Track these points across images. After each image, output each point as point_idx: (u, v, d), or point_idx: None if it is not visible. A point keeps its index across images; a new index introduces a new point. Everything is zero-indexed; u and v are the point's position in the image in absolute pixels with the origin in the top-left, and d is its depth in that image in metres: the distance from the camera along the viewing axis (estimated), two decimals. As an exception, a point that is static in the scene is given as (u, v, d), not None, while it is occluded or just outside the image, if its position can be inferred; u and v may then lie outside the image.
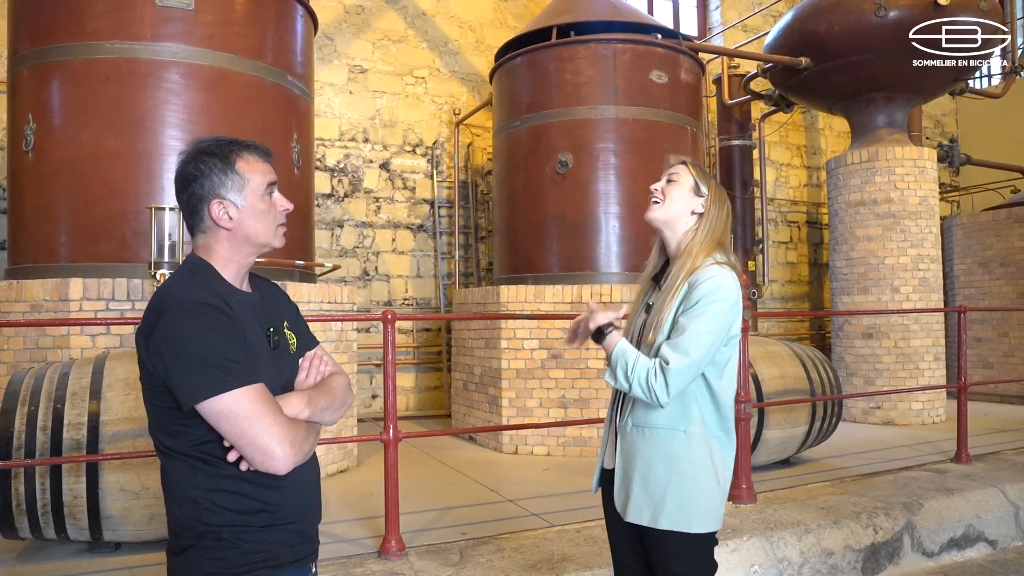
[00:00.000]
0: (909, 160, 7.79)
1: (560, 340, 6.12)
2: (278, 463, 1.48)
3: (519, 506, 4.55)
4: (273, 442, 1.47)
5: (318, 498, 1.77)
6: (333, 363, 1.84)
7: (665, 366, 1.96)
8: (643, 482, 2.08)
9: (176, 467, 1.58)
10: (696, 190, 2.17)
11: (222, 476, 1.55)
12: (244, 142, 1.68)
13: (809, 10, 7.87)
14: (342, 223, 8.56)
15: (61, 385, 3.60)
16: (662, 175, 2.24)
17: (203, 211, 1.63)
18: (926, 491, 4.64)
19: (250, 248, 1.67)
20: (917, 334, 7.69)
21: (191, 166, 1.63)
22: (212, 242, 1.65)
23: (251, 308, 1.67)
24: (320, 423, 1.67)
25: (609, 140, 6.43)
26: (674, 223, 2.17)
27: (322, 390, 1.71)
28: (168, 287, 1.60)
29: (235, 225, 1.63)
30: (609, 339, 2.05)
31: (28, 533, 3.52)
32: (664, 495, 2.05)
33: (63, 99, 4.93)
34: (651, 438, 2.09)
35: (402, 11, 9.01)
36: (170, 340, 1.48)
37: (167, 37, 4.93)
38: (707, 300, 2.00)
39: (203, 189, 1.61)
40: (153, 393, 1.56)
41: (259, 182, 1.65)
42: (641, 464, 2.09)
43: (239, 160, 1.64)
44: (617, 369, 2.02)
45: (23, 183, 5.02)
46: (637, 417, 2.12)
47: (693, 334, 1.97)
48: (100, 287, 4.56)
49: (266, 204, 1.66)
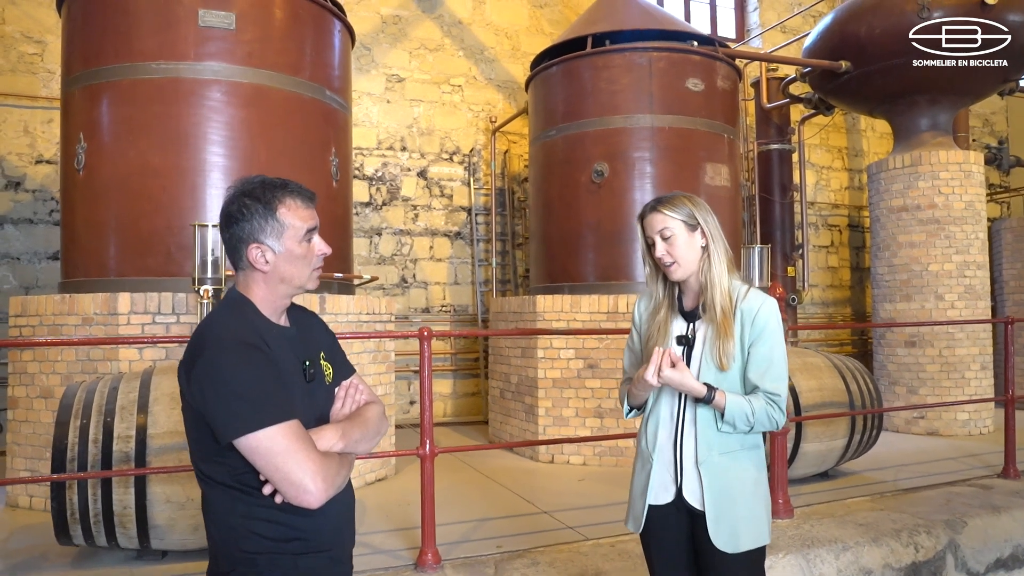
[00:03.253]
0: (954, 164, 7.60)
1: (596, 350, 6.13)
2: (311, 497, 1.54)
3: (554, 518, 4.58)
4: (307, 478, 1.53)
5: (352, 523, 1.83)
6: (369, 392, 1.89)
7: (776, 397, 2.12)
8: (741, 508, 2.13)
9: (215, 495, 1.65)
10: (688, 227, 2.19)
11: (259, 505, 1.61)
12: (288, 186, 1.73)
13: (849, 13, 7.74)
14: (380, 231, 8.67)
15: (111, 399, 3.74)
16: (653, 235, 2.21)
17: (242, 252, 1.69)
18: (970, 508, 4.53)
19: (285, 289, 1.73)
20: (963, 342, 7.51)
21: (234, 207, 1.68)
22: (250, 280, 1.72)
23: (288, 342, 1.73)
24: (354, 453, 1.73)
25: (645, 149, 6.41)
26: (694, 269, 2.22)
27: (356, 422, 1.76)
28: (209, 323, 1.67)
29: (271, 268, 1.69)
30: (717, 399, 2.11)
31: (81, 540, 3.67)
32: (750, 516, 2.14)
33: (111, 118, 5.10)
34: (735, 462, 2.16)
35: (438, 20, 9.09)
36: (209, 376, 1.54)
37: (209, 56, 5.06)
38: (771, 326, 2.16)
39: (243, 232, 1.67)
40: (193, 424, 1.63)
41: (298, 228, 1.70)
42: (736, 491, 2.14)
43: (281, 206, 1.69)
44: (737, 422, 2.11)
45: (75, 199, 5.21)
46: (719, 445, 2.15)
47: (779, 359, 2.15)
48: (147, 301, 4.72)
49: (303, 249, 1.71)
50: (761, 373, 2.13)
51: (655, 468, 2.24)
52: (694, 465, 2.16)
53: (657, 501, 2.23)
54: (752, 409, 2.10)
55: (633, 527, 2.30)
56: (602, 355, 6.12)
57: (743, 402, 2.10)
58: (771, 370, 2.13)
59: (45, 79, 7.39)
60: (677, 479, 2.19)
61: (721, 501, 2.13)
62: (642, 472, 2.28)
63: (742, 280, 2.28)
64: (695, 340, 2.22)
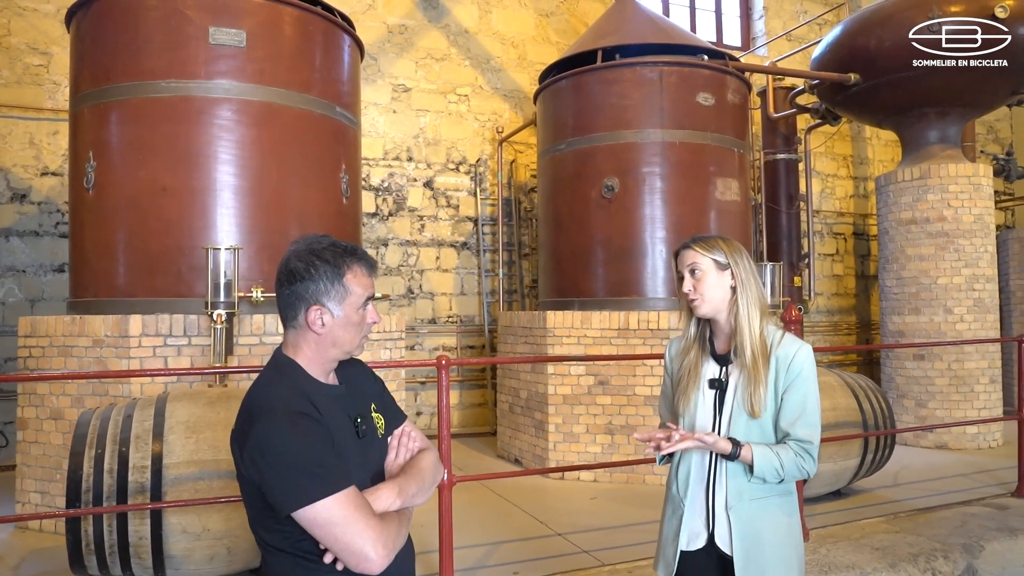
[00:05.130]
0: (963, 177, 7.58)
1: (607, 367, 6.10)
2: (372, 565, 1.53)
3: (569, 541, 4.56)
4: (367, 546, 1.52)
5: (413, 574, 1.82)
6: (421, 438, 1.88)
7: (808, 445, 2.11)
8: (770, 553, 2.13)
9: (277, 561, 1.64)
10: (718, 265, 2.20)
11: (322, 572, 1.60)
12: (357, 252, 1.71)
13: (858, 25, 7.71)
14: (387, 242, 8.64)
15: (125, 428, 3.71)
16: (683, 270, 2.24)
17: (299, 310, 1.67)
18: (987, 530, 4.52)
19: (334, 353, 1.71)
20: (972, 356, 7.49)
21: (301, 265, 1.65)
22: (300, 340, 1.70)
23: (338, 400, 1.71)
24: (412, 507, 1.72)
25: (655, 164, 6.38)
26: (720, 308, 2.23)
27: (412, 475, 1.75)
28: (258, 391, 1.65)
29: (326, 332, 1.67)
30: (743, 454, 2.10)
31: (96, 571, 3.63)
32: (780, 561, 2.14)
33: (121, 137, 5.06)
34: (765, 509, 2.15)
35: (444, 29, 9.05)
36: (262, 449, 1.52)
37: (219, 74, 5.03)
38: (805, 372, 2.16)
39: (307, 291, 1.65)
40: (249, 493, 1.62)
41: (360, 296, 1.69)
42: (766, 537, 2.13)
43: (348, 272, 1.67)
44: (767, 475, 2.11)
45: (84, 218, 5.17)
46: (749, 492, 2.14)
47: (812, 407, 2.15)
48: (158, 323, 4.68)
49: (359, 317, 1.70)
50: (792, 420, 2.13)
51: (687, 514, 2.23)
52: (724, 511, 2.16)
53: (689, 547, 2.23)
54: (781, 462, 2.10)
55: (664, 573, 2.28)
56: (613, 372, 6.09)
57: (771, 455, 2.10)
58: (804, 418, 2.13)
59: (51, 91, 7.34)
60: (709, 525, 2.19)
61: (750, 547, 2.13)
62: (673, 517, 2.28)
63: (775, 324, 2.27)
64: (727, 384, 2.20)
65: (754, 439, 2.14)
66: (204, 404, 3.90)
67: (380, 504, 1.62)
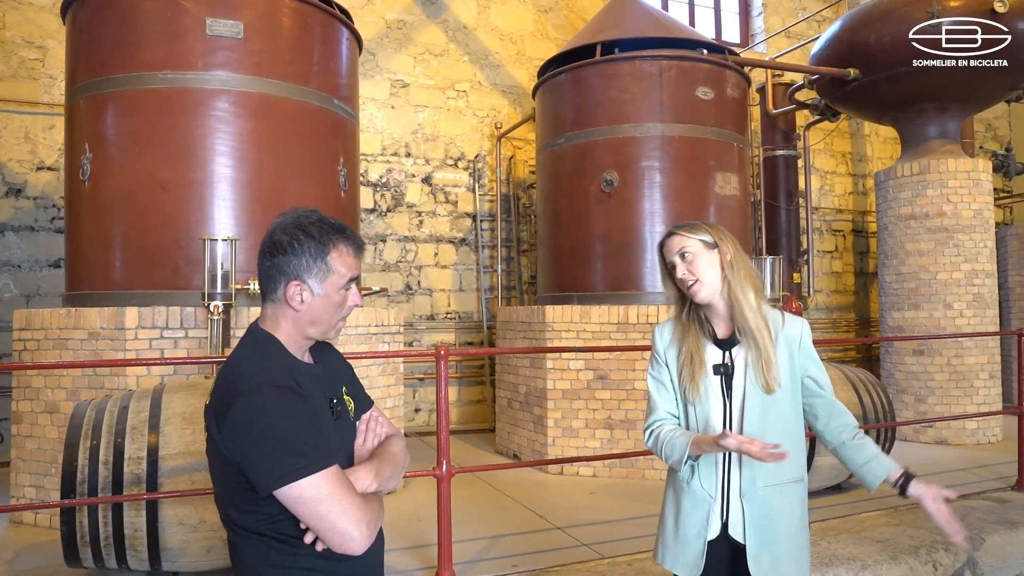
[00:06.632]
0: (963, 173, 7.57)
1: (606, 361, 6.08)
2: (356, 545, 1.49)
3: (568, 535, 4.53)
4: (351, 525, 1.48)
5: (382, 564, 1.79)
6: (388, 424, 1.86)
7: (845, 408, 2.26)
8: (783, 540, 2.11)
9: (248, 545, 1.58)
10: (706, 245, 2.19)
11: (299, 555, 1.56)
12: (345, 231, 1.67)
13: (857, 20, 7.70)
14: (385, 238, 8.61)
15: (121, 419, 3.67)
16: (672, 257, 2.21)
17: (279, 284, 1.62)
18: (987, 523, 4.50)
19: (311, 331, 1.67)
20: (971, 351, 7.48)
21: (285, 238, 1.61)
22: (279, 315, 1.65)
23: (315, 380, 1.68)
24: (383, 491, 1.69)
25: (655, 158, 6.36)
26: (716, 289, 2.20)
27: (385, 460, 1.72)
28: (237, 364, 1.60)
29: (304, 309, 1.63)
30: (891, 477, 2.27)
31: (91, 563, 3.60)
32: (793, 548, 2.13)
33: (117, 129, 5.02)
34: (780, 494, 2.13)
35: (443, 24, 9.03)
36: (247, 425, 1.48)
37: (217, 66, 5.00)
38: (810, 346, 2.25)
39: (288, 265, 1.60)
40: (222, 471, 1.56)
41: (343, 275, 1.64)
42: (779, 523, 2.11)
43: (333, 250, 1.63)
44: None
45: (80, 211, 5.13)
46: (765, 477, 2.11)
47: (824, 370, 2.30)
48: (155, 315, 4.65)
49: (340, 298, 1.66)
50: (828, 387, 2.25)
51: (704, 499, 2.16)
52: (739, 498, 2.13)
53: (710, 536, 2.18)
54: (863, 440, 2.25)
55: (685, 572, 2.18)
56: (612, 366, 6.07)
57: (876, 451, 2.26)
58: (829, 384, 2.27)
59: (46, 85, 7.31)
60: (723, 515, 2.15)
61: (763, 533, 2.10)
62: (694, 512, 2.18)
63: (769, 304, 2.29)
64: (734, 368, 2.17)
65: (771, 418, 2.11)
66: (201, 395, 3.86)
67: (359, 486, 1.59)
